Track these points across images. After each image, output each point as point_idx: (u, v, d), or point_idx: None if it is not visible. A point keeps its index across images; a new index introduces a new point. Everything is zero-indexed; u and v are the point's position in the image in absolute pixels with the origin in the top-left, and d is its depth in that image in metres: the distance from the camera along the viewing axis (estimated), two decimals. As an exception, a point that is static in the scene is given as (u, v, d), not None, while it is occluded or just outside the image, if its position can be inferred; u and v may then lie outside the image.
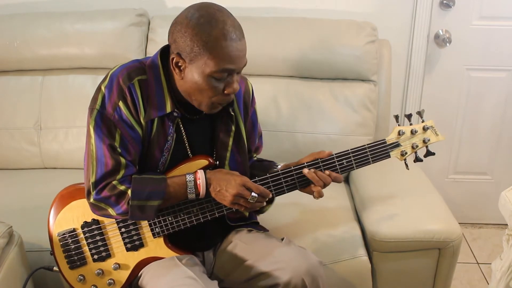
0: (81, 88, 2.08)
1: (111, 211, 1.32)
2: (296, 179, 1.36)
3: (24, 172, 2.11)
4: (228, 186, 1.29)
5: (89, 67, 2.12)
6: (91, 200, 1.32)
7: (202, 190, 1.31)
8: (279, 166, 1.44)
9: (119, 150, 1.30)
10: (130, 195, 1.28)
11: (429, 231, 1.59)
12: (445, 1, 2.25)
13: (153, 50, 2.08)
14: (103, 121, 1.29)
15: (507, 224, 1.55)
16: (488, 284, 2.24)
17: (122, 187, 1.29)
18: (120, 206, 1.31)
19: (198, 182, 1.31)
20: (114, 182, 1.30)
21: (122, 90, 1.28)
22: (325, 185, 1.36)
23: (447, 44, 2.28)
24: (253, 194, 1.29)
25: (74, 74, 2.11)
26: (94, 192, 1.31)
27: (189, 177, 1.31)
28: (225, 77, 1.24)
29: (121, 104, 1.28)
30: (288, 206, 1.75)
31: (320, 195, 1.35)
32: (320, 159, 1.36)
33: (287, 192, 1.38)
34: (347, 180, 2.07)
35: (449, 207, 1.70)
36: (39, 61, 2.10)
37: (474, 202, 2.63)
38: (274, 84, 2.05)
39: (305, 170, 1.35)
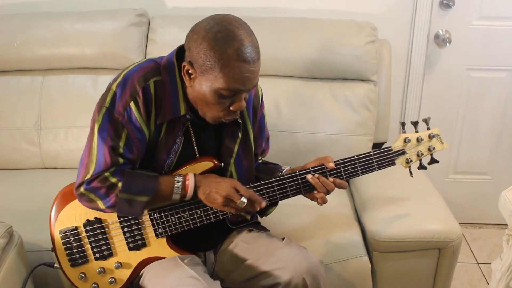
0: (81, 88, 2.08)
1: (100, 203, 1.32)
2: (300, 184, 1.36)
3: (24, 172, 2.11)
4: (219, 188, 1.29)
5: (89, 67, 2.12)
6: (82, 190, 1.31)
7: (190, 191, 1.31)
8: (284, 170, 1.44)
9: (121, 150, 1.29)
10: (120, 187, 1.28)
11: (429, 231, 1.59)
12: (445, 1, 2.25)
13: (153, 50, 2.09)
14: (111, 120, 1.28)
15: (507, 224, 1.55)
16: (488, 284, 2.24)
17: (113, 179, 1.29)
18: (109, 198, 1.30)
19: (186, 183, 1.31)
20: (106, 174, 1.29)
21: (135, 91, 1.27)
22: (328, 191, 1.35)
23: (447, 44, 2.28)
24: (242, 199, 1.29)
25: (74, 74, 2.11)
26: (85, 183, 1.30)
27: (178, 178, 1.31)
28: (232, 95, 1.23)
29: (132, 105, 1.27)
30: (289, 206, 1.74)
31: (324, 201, 1.35)
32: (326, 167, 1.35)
33: (291, 196, 1.38)
34: (347, 180, 2.07)
35: (449, 207, 1.70)
36: (39, 61, 2.10)
37: (474, 202, 2.63)
38: (274, 84, 2.05)
39: (309, 176, 1.34)
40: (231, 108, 1.26)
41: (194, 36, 1.21)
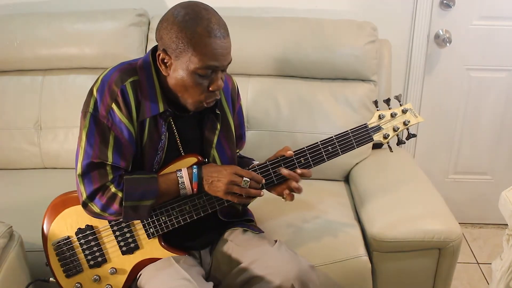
0: (81, 88, 2.07)
1: (104, 214, 1.33)
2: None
3: (24, 172, 2.11)
4: (220, 176, 1.31)
5: (89, 67, 2.12)
6: (89, 206, 1.33)
7: (195, 184, 1.32)
8: (250, 166, 1.45)
9: (109, 161, 1.29)
10: (122, 196, 1.29)
11: (429, 231, 1.59)
12: (445, 1, 2.25)
13: (153, 50, 2.08)
14: (97, 123, 1.29)
15: (507, 224, 1.55)
16: (488, 284, 2.24)
17: (113, 189, 1.30)
18: (112, 208, 1.31)
19: (189, 177, 1.32)
20: (107, 184, 1.30)
21: (114, 93, 1.28)
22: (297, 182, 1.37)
23: (447, 44, 2.28)
24: (245, 178, 1.31)
25: (74, 74, 2.11)
26: (88, 198, 1.31)
27: (180, 173, 1.33)
28: (209, 74, 1.26)
29: (114, 106, 1.28)
30: (288, 205, 1.74)
31: (291, 198, 1.37)
32: (281, 156, 1.38)
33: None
34: (347, 180, 2.08)
35: (449, 207, 1.70)
36: (39, 61, 2.10)
37: (474, 202, 2.63)
38: (274, 84, 2.05)
39: (284, 171, 1.36)
40: (210, 88, 1.28)
41: (164, 25, 1.26)
